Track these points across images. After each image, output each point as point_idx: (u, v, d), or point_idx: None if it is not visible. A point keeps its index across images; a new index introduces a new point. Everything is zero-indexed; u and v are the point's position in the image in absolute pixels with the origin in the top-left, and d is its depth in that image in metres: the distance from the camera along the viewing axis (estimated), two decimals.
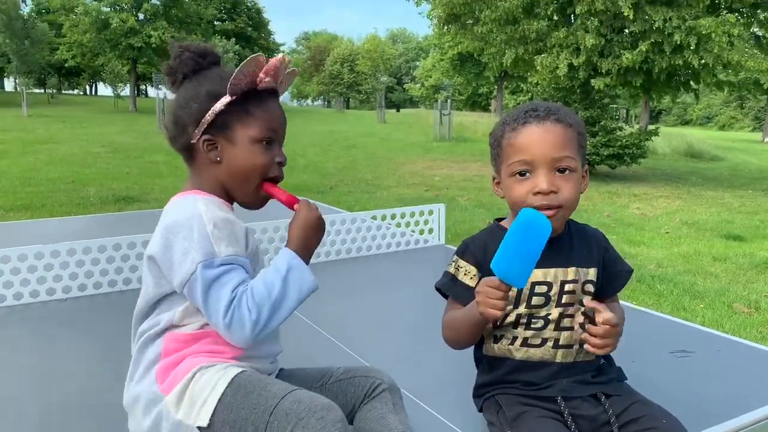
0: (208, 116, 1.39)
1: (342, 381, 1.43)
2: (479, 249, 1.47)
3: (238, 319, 1.25)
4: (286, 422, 1.20)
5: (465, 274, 1.47)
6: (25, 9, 41.14)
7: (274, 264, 1.33)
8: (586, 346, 1.34)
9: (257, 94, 1.41)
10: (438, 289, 1.53)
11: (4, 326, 2.45)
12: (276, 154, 1.43)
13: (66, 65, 42.14)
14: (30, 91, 35.70)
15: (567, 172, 1.38)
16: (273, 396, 1.25)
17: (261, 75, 1.39)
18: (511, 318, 1.44)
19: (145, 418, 1.33)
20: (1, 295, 2.62)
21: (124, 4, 35.16)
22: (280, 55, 1.41)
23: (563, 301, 1.43)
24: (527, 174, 1.38)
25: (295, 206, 1.44)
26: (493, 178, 1.51)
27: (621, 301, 1.69)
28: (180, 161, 1.47)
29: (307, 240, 1.39)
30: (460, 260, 1.49)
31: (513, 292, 1.36)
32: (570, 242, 1.48)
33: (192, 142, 1.41)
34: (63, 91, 60.06)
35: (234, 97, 1.39)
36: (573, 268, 1.45)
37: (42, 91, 51.92)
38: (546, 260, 1.40)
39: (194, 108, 1.40)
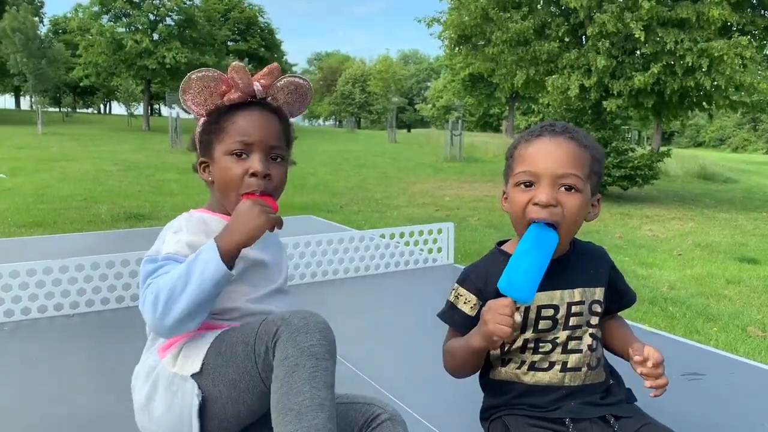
0: (195, 140, 1.48)
1: (345, 404, 1.41)
2: (480, 277, 1.45)
3: (146, 301, 1.25)
4: (273, 325, 1.23)
5: (465, 303, 1.45)
6: (43, 29, 41.86)
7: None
8: (653, 394, 1.32)
9: (229, 109, 1.43)
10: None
11: (12, 341, 2.46)
12: (250, 166, 1.39)
13: (81, 84, 42.68)
14: (45, 109, 36.14)
15: (572, 190, 1.34)
16: (261, 320, 1.29)
17: (224, 88, 1.42)
18: (518, 343, 1.42)
19: (144, 385, 1.37)
20: (8, 310, 2.62)
21: (139, 25, 35.67)
22: (233, 63, 1.42)
23: (570, 323, 1.41)
24: (531, 186, 1.36)
25: None
26: (503, 193, 1.48)
27: (633, 323, 1.66)
28: (191, 179, 1.50)
29: (231, 226, 1.31)
30: (460, 288, 1.47)
31: (518, 318, 1.31)
32: (575, 263, 1.45)
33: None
34: (77, 110, 60.83)
35: (207, 117, 1.45)
36: (579, 290, 1.42)
37: (57, 109, 52.58)
38: (551, 283, 1.38)
39: (193, 135, 1.51)
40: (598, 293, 1.45)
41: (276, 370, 1.20)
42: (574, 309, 1.40)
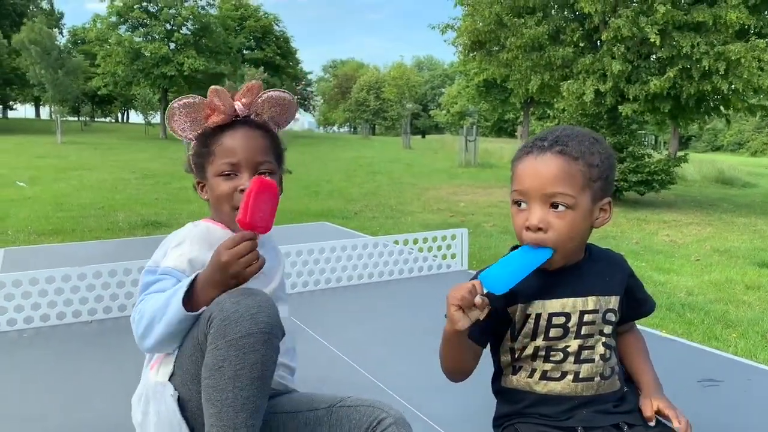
0: (191, 163, 1.54)
1: (350, 407, 1.41)
2: None
3: (135, 318, 1.31)
4: (209, 311, 1.24)
5: None
6: (62, 40, 42.44)
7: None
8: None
9: (215, 131, 1.48)
10: None
11: (32, 348, 2.49)
12: (239, 184, 1.44)
13: (99, 93, 43.19)
14: (64, 119, 36.58)
15: (561, 208, 1.30)
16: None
17: (208, 112, 1.47)
18: (528, 351, 1.40)
19: (138, 405, 1.41)
20: (28, 317, 2.66)
21: (156, 35, 36.05)
22: (212, 87, 1.47)
23: (582, 332, 1.38)
24: (522, 205, 1.34)
25: None
26: None
27: (650, 329, 1.65)
28: None
29: (210, 276, 1.29)
30: None
31: (479, 300, 1.26)
32: (590, 270, 1.42)
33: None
34: (96, 119, 61.52)
35: (196, 141, 1.51)
36: (593, 298, 1.39)
37: (76, 118, 53.22)
38: (564, 290, 1.37)
39: (187, 158, 1.57)
40: (613, 302, 1.41)
41: (206, 357, 1.22)
42: (586, 318, 1.38)
